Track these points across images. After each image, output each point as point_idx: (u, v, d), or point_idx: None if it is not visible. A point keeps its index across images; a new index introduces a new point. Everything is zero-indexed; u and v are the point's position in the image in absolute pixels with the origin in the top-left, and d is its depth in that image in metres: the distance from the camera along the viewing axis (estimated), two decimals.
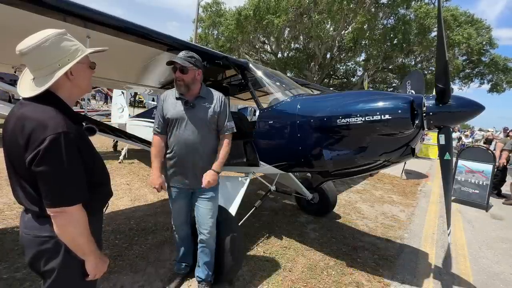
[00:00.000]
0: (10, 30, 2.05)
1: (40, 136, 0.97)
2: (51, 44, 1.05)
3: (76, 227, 1.07)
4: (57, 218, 1.04)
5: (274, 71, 3.80)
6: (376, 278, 2.76)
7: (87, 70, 1.19)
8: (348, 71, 23.42)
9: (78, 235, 1.08)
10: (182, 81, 1.98)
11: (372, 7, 14.98)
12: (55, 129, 0.99)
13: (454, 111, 2.19)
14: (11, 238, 2.82)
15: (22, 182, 1.08)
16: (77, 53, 1.11)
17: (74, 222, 1.06)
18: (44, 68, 1.06)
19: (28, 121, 1.00)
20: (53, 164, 0.99)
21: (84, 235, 1.09)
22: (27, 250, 1.12)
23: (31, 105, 1.05)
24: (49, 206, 1.02)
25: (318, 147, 2.46)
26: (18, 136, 1.01)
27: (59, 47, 1.07)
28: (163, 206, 4.11)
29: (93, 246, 1.14)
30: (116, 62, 2.99)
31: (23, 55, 1.04)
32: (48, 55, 1.05)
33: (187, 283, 2.41)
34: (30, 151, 0.98)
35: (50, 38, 1.04)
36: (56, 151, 0.99)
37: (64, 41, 1.09)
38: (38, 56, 1.04)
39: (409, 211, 5.04)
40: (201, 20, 19.68)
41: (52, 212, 1.02)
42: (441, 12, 2.18)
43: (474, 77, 19.54)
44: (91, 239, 1.12)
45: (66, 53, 1.08)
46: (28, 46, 1.02)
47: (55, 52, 1.06)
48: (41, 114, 1.02)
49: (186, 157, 2.04)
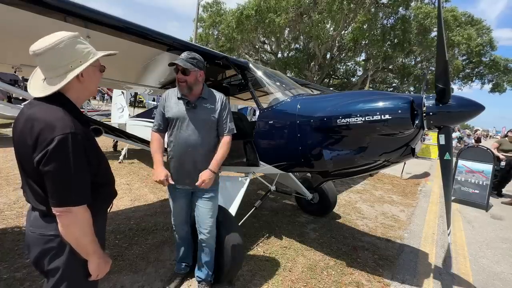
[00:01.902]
0: (11, 30, 2.05)
1: (48, 136, 0.99)
2: (65, 46, 1.07)
3: (81, 227, 1.08)
4: (62, 218, 1.05)
5: (274, 71, 3.80)
6: (376, 278, 2.76)
7: (97, 73, 1.21)
8: (348, 71, 23.44)
9: (82, 235, 1.09)
10: (184, 82, 1.97)
11: (372, 7, 14.99)
12: (63, 129, 1.00)
13: (454, 111, 2.18)
14: (11, 238, 2.82)
15: (29, 181, 1.09)
16: (89, 56, 1.14)
17: (79, 222, 1.07)
18: (57, 69, 1.07)
19: (36, 122, 1.02)
20: (61, 164, 1.00)
21: (87, 236, 1.10)
22: (32, 248, 1.13)
23: (41, 105, 1.07)
24: (55, 205, 1.03)
25: (318, 147, 2.46)
26: (27, 136, 1.02)
27: (73, 49, 1.09)
28: (163, 206, 4.11)
29: (96, 247, 1.15)
30: (116, 62, 2.99)
31: (37, 56, 1.05)
32: (62, 56, 1.07)
33: (187, 283, 2.41)
34: (38, 151, 1.00)
35: (64, 40, 1.06)
36: (64, 151, 1.00)
37: (78, 44, 1.11)
38: (52, 57, 1.06)
39: (409, 211, 5.04)
40: (201, 20, 19.69)
41: (57, 211, 1.04)
42: (441, 12, 2.17)
43: (474, 77, 19.56)
44: (95, 239, 1.13)
45: (79, 56, 1.10)
46: (43, 47, 1.03)
47: (68, 54, 1.08)
48: (50, 114, 1.03)
49: (186, 157, 2.04)
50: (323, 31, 15.75)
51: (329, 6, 14.01)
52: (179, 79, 1.98)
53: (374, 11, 15.06)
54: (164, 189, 2.22)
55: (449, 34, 14.08)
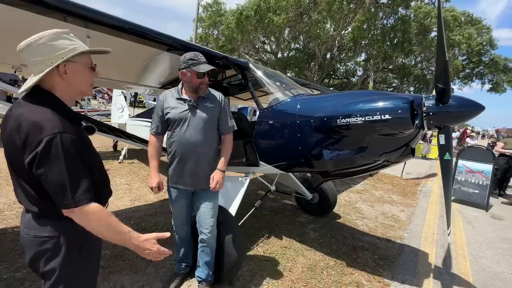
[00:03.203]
0: (10, 30, 2.05)
1: (36, 137, 0.96)
2: (46, 41, 1.04)
3: (97, 223, 1.06)
4: (73, 217, 1.03)
5: (274, 71, 3.80)
6: (376, 278, 2.76)
7: (86, 71, 1.17)
8: (348, 71, 23.42)
9: (103, 229, 1.08)
10: (205, 84, 2.03)
11: (372, 7, 15.00)
12: (52, 129, 0.98)
13: (454, 111, 2.18)
14: (11, 238, 2.82)
15: (21, 182, 1.07)
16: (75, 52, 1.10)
17: (91, 219, 1.04)
18: (38, 64, 1.05)
19: (24, 122, 0.99)
20: (52, 166, 0.97)
21: (109, 229, 1.08)
22: (27, 251, 1.11)
23: (28, 105, 1.05)
24: (60, 208, 1.01)
25: (318, 147, 2.46)
26: (15, 137, 1.00)
27: (52, 44, 1.05)
28: (163, 206, 4.11)
29: (126, 235, 1.12)
30: (116, 62, 3.00)
31: (21, 52, 1.04)
32: (42, 51, 1.04)
33: (187, 283, 2.41)
34: (28, 153, 0.97)
35: (45, 36, 1.04)
36: (53, 152, 0.97)
37: (60, 40, 1.07)
38: (32, 52, 1.04)
39: (409, 211, 5.04)
40: (201, 20, 19.68)
41: (64, 213, 1.02)
42: (441, 12, 2.17)
43: (474, 77, 19.56)
44: (121, 228, 1.11)
45: (59, 51, 1.06)
46: (24, 43, 1.03)
47: (48, 49, 1.05)
48: (37, 114, 1.01)
49: (188, 157, 2.04)
50: (323, 30, 15.75)
51: (329, 6, 14.01)
52: (203, 83, 2.01)
53: (374, 11, 15.05)
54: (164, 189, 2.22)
55: (449, 34, 14.08)
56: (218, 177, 2.05)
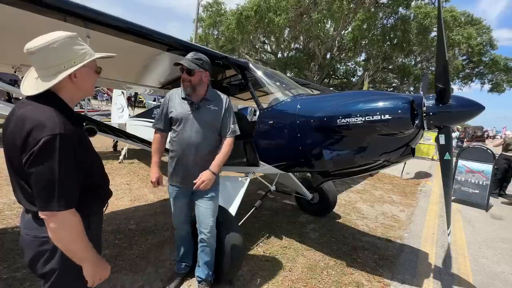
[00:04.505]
0: (10, 30, 2.05)
1: (36, 137, 0.96)
2: (59, 46, 1.05)
3: (69, 232, 1.04)
4: (48, 222, 1.01)
5: (274, 71, 3.80)
6: (376, 278, 2.76)
7: (92, 74, 1.19)
8: (348, 71, 23.40)
9: (71, 240, 1.05)
10: (188, 82, 1.99)
11: (372, 7, 14.99)
12: (52, 130, 0.98)
13: (454, 111, 2.18)
14: (11, 238, 2.82)
15: (21, 182, 1.06)
16: (85, 57, 1.12)
17: (66, 226, 1.03)
18: (49, 68, 1.06)
19: (27, 122, 0.99)
20: (45, 166, 0.96)
21: (77, 241, 1.06)
22: (26, 251, 1.11)
23: (32, 105, 1.05)
24: (40, 209, 1.00)
25: (318, 147, 2.46)
26: (16, 136, 1.00)
27: (67, 49, 1.07)
28: (163, 206, 4.11)
29: (89, 252, 1.10)
30: (116, 62, 2.99)
31: (30, 54, 1.04)
32: (55, 56, 1.05)
33: (187, 283, 2.41)
34: (26, 152, 0.97)
35: (59, 40, 1.05)
36: (49, 153, 0.97)
37: (74, 45, 1.10)
38: (45, 56, 1.04)
39: (409, 211, 5.04)
40: (201, 20, 19.67)
41: (42, 215, 1.00)
42: (441, 12, 2.17)
43: (474, 77, 19.55)
44: (87, 244, 1.09)
45: (73, 56, 1.08)
46: (37, 46, 1.02)
47: (62, 54, 1.06)
48: (40, 114, 1.01)
49: (188, 157, 2.04)
50: (323, 30, 15.74)
51: (329, 5, 14.01)
52: (184, 79, 1.99)
53: (374, 10, 15.05)
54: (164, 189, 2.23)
55: (449, 34, 14.07)
56: (206, 176, 1.99)
